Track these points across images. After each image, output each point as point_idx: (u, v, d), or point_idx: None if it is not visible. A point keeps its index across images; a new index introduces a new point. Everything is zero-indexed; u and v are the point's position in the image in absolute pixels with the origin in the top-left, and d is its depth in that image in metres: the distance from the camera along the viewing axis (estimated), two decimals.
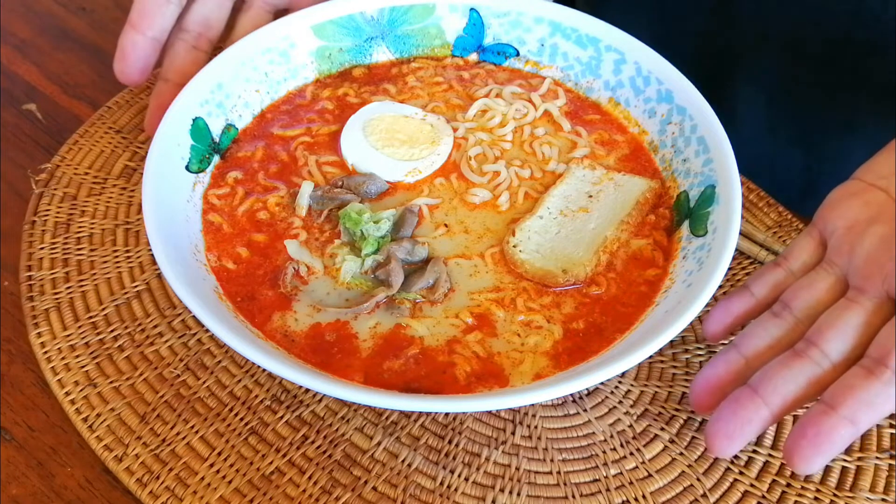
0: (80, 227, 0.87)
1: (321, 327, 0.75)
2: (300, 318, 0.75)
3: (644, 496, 0.73)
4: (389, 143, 0.87)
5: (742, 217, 0.83)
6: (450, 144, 0.89)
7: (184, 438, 0.74)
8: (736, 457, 0.76)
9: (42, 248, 0.85)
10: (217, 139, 0.86)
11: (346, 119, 0.90)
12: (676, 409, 0.79)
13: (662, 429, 0.77)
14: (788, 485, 0.75)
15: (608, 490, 0.73)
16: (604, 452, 0.76)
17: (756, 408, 0.65)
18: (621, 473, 0.75)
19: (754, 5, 1.08)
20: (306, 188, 0.83)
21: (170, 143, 0.81)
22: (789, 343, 0.68)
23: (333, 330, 0.74)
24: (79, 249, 0.85)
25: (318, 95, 0.94)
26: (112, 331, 0.80)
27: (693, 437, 0.77)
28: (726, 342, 0.80)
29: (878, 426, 0.78)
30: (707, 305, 0.71)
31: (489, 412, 0.78)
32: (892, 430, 0.78)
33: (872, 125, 1.00)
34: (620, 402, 0.79)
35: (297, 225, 0.82)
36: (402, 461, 0.74)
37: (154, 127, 0.81)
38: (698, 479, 0.75)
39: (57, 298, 0.81)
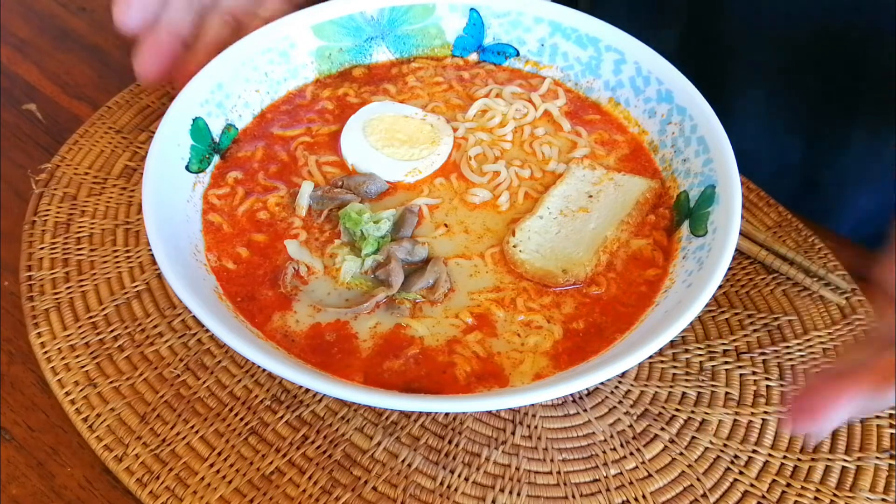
0: (80, 227, 0.87)
1: (321, 327, 0.75)
2: (300, 318, 0.75)
3: (644, 496, 0.73)
4: (389, 143, 0.87)
5: (742, 217, 0.83)
6: (450, 144, 0.89)
7: (184, 438, 0.74)
8: (736, 457, 0.76)
9: (42, 248, 0.85)
10: (217, 139, 0.86)
11: (346, 119, 0.90)
12: (677, 409, 0.79)
13: (662, 429, 0.77)
14: (788, 485, 0.75)
15: (608, 490, 0.74)
16: (604, 452, 0.76)
17: None
18: (621, 473, 0.75)
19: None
20: (306, 188, 0.83)
21: (170, 144, 0.81)
22: None
23: (333, 330, 0.74)
24: (79, 249, 0.85)
25: (318, 95, 0.94)
26: (112, 331, 0.80)
27: (693, 438, 0.77)
28: None
29: (878, 426, 0.78)
30: (707, 305, 0.71)
31: (489, 412, 0.78)
32: (892, 430, 0.78)
33: (873, 115, 1.00)
34: (620, 402, 0.79)
35: (297, 225, 0.82)
36: (402, 461, 0.74)
37: (147, 72, 0.83)
38: (698, 479, 0.75)
39: (57, 298, 0.81)
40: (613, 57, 0.93)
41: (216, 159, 0.86)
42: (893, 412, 0.79)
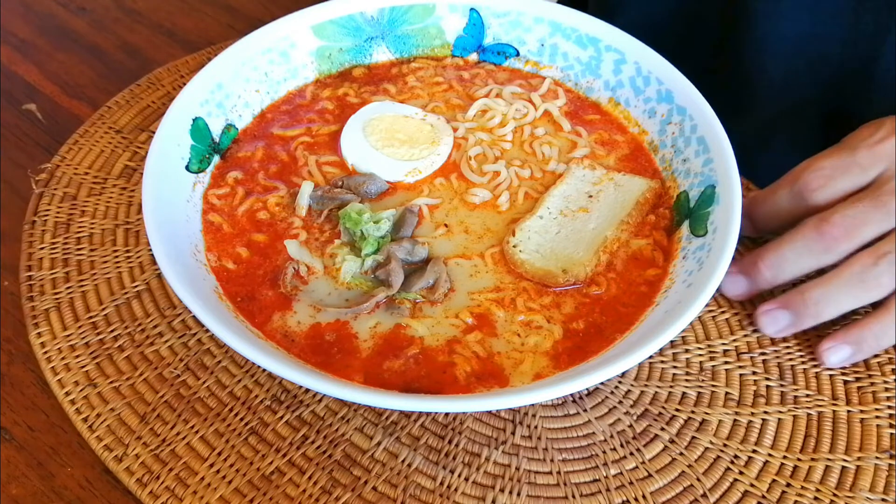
0: (81, 227, 0.87)
1: (321, 327, 0.75)
2: (300, 318, 0.75)
3: (644, 496, 0.73)
4: (389, 144, 0.87)
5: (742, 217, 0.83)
6: (450, 144, 0.89)
7: (184, 438, 0.74)
8: (736, 457, 0.76)
9: (42, 248, 0.85)
10: (217, 139, 0.86)
11: (346, 119, 0.90)
12: (677, 410, 0.79)
13: (662, 429, 0.77)
14: (788, 485, 0.75)
15: (608, 490, 0.73)
16: (604, 452, 0.76)
17: None
18: (621, 473, 0.75)
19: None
20: (306, 188, 0.83)
21: (170, 143, 0.81)
22: None
23: (333, 330, 0.74)
24: (79, 249, 0.85)
25: (318, 95, 0.94)
26: (112, 331, 0.80)
27: (693, 438, 0.77)
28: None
29: (878, 426, 0.78)
30: (707, 305, 0.71)
31: (489, 412, 0.78)
32: (892, 431, 0.78)
33: None
34: (620, 402, 0.79)
35: (297, 225, 0.82)
36: (402, 461, 0.74)
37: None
38: (698, 479, 0.74)
39: (57, 298, 0.81)
40: (613, 57, 0.93)
41: (216, 159, 0.86)
42: (893, 412, 0.79)
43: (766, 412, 0.79)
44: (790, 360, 0.82)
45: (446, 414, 0.77)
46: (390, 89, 0.95)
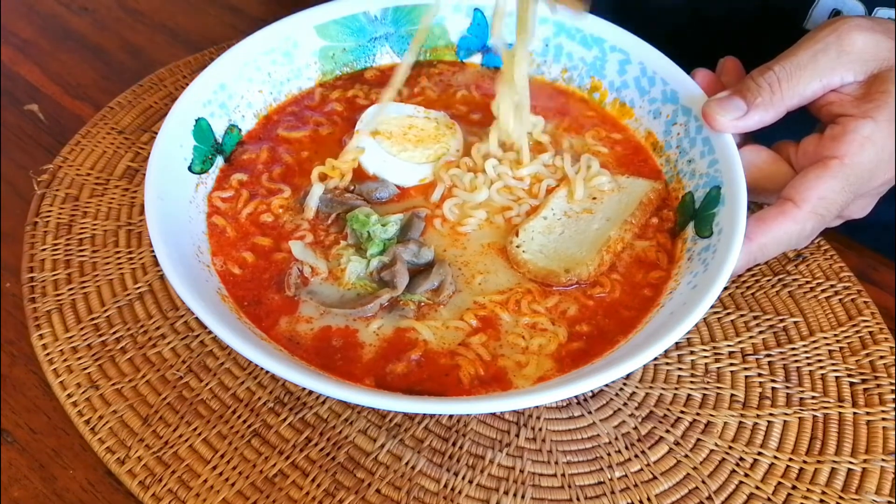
0: (83, 228, 0.87)
1: (326, 330, 0.74)
2: (306, 321, 0.75)
3: (649, 499, 0.73)
4: (404, 148, 0.87)
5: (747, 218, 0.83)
6: (458, 138, 0.88)
7: (186, 441, 0.74)
8: (741, 459, 0.75)
9: (44, 250, 0.85)
10: (220, 140, 0.86)
11: (355, 121, 0.89)
12: (682, 412, 0.78)
13: (668, 431, 0.77)
14: (794, 487, 0.74)
15: (613, 493, 0.73)
16: (608, 455, 0.75)
17: None
18: (626, 476, 0.74)
19: None
20: (317, 190, 0.82)
21: (172, 144, 0.81)
22: None
23: (338, 332, 0.74)
24: (81, 251, 0.85)
25: (327, 97, 0.93)
26: (114, 332, 0.79)
27: (698, 440, 0.76)
28: None
29: (885, 428, 0.78)
30: (713, 307, 0.71)
31: (493, 414, 0.77)
32: None
33: None
34: (625, 404, 0.79)
35: (303, 227, 0.81)
36: (406, 464, 0.74)
37: None
38: (703, 482, 0.74)
39: (59, 300, 0.81)
40: (618, 57, 0.92)
41: (219, 160, 0.86)
42: None
43: (771, 414, 0.78)
44: (796, 361, 0.82)
45: (450, 416, 0.77)
46: (402, 91, 0.94)
